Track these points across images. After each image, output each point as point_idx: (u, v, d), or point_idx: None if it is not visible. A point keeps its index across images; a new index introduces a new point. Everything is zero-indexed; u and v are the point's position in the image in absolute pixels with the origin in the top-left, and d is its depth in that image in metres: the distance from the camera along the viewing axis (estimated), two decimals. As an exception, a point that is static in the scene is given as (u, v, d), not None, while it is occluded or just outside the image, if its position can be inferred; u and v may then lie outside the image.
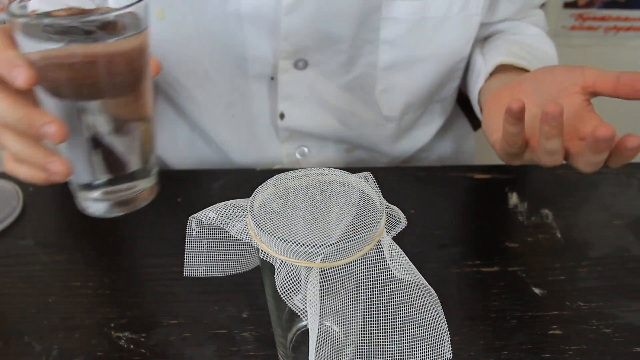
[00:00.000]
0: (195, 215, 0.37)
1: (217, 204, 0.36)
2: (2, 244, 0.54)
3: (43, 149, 0.38)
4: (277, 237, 0.31)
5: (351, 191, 0.35)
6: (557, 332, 0.45)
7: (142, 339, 0.44)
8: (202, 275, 0.41)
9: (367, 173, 0.36)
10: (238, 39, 0.62)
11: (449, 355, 0.34)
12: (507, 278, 0.51)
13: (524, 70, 0.61)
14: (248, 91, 0.67)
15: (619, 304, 0.48)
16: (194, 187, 0.42)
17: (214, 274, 0.41)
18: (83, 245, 0.53)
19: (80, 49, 0.36)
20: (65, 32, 0.35)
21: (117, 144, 0.41)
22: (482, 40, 0.71)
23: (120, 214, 0.44)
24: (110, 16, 0.36)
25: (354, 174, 0.36)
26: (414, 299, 0.34)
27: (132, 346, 0.44)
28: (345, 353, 0.35)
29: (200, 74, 0.65)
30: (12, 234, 0.55)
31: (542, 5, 0.75)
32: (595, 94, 0.46)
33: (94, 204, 0.43)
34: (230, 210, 0.35)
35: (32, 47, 0.36)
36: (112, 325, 0.45)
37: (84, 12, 0.40)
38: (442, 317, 0.34)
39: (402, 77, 0.66)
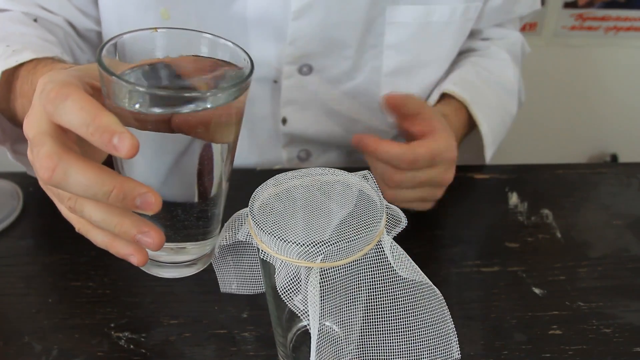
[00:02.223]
0: (217, 242, 0.38)
1: (226, 223, 0.37)
2: (2, 244, 0.53)
3: (131, 217, 0.32)
4: (277, 237, 0.31)
5: (351, 191, 0.35)
6: (557, 332, 0.45)
7: (142, 339, 0.44)
8: (236, 292, 0.41)
9: (366, 172, 0.36)
10: (241, 42, 0.61)
11: (457, 355, 0.34)
12: (507, 278, 0.50)
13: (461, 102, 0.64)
14: (250, 94, 0.67)
15: (619, 304, 0.48)
16: (194, 187, 0.42)
17: (246, 292, 0.41)
18: (83, 245, 0.53)
19: (186, 116, 0.32)
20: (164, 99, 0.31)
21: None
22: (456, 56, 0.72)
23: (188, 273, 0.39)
24: (221, 96, 0.33)
25: (354, 173, 0.36)
26: (417, 298, 0.34)
27: (132, 346, 0.44)
28: (345, 353, 0.35)
29: None
30: (12, 234, 0.55)
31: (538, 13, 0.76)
32: None
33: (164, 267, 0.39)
34: (237, 221, 0.36)
35: (125, 109, 0.31)
36: (112, 325, 0.45)
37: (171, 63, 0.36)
38: (448, 317, 0.34)
39: (406, 82, 0.66)
